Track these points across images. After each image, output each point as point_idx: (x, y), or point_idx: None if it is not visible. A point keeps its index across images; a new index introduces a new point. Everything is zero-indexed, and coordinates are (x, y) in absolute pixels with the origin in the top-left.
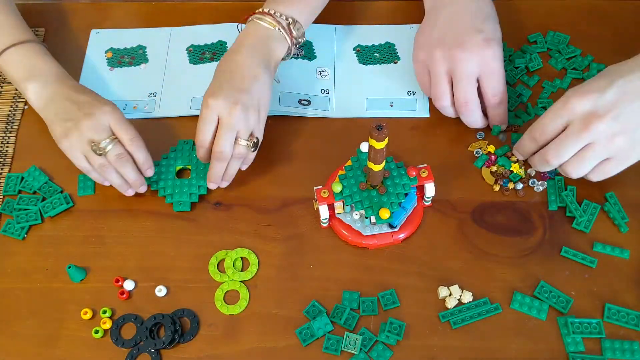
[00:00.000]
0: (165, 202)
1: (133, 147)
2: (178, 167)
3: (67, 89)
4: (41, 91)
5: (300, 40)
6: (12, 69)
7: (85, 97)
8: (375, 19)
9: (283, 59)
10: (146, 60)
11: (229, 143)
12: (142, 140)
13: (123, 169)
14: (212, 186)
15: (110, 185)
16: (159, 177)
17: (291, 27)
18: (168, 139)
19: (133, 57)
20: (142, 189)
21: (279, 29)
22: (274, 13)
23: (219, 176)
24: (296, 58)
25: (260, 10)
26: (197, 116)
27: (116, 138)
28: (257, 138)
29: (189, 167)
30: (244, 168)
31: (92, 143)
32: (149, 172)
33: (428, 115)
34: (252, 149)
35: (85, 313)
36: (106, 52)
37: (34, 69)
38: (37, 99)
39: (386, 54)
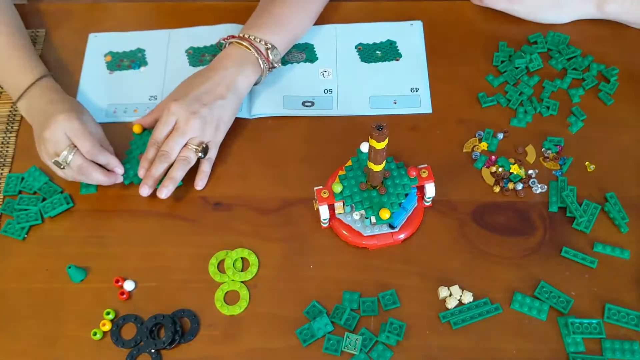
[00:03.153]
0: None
1: (91, 157)
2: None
3: (44, 100)
4: (26, 107)
5: (275, 65)
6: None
7: (52, 107)
8: (375, 17)
9: (256, 84)
10: (145, 63)
11: (177, 147)
12: (100, 148)
13: (89, 177)
14: (144, 192)
15: (111, 185)
16: (131, 165)
17: (269, 52)
18: None
19: (132, 60)
20: (119, 179)
21: (255, 54)
22: (254, 39)
23: (154, 177)
24: (298, 62)
25: (240, 35)
26: None
27: (76, 147)
28: (205, 144)
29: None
30: (199, 186)
31: (54, 155)
32: (119, 170)
33: (430, 112)
34: (200, 154)
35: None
36: (105, 55)
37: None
38: (23, 112)
39: (388, 51)
